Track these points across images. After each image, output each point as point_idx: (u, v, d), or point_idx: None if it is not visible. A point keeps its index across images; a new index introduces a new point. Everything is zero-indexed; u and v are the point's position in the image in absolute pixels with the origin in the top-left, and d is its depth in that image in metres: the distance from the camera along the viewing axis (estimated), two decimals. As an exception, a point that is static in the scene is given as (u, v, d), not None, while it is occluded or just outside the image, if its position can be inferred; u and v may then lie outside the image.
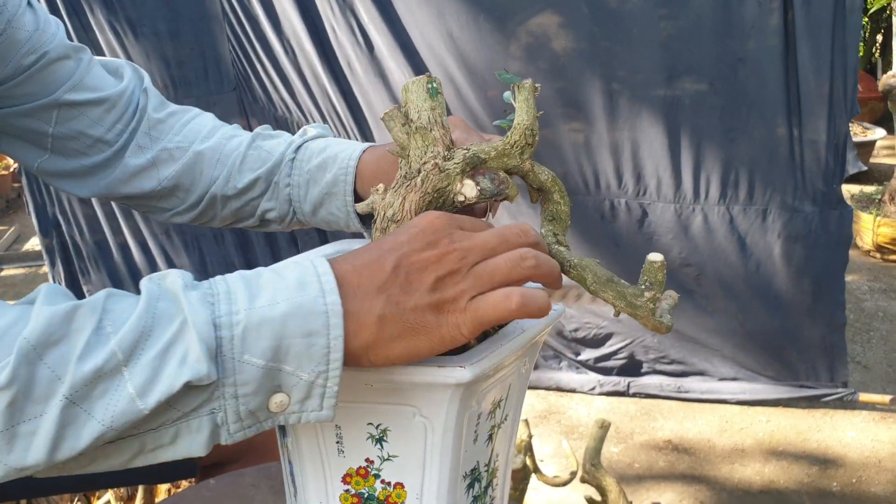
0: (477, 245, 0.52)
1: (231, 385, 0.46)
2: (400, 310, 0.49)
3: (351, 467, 0.59)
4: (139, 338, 0.45)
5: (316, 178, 0.82)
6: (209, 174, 0.86)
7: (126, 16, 2.17)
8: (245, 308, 0.46)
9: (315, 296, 0.47)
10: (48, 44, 0.79)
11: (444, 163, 0.60)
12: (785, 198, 2.07)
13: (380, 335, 0.49)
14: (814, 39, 1.92)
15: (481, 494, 0.66)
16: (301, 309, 0.47)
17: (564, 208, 0.65)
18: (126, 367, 0.44)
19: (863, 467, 2.05)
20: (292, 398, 0.49)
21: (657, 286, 0.55)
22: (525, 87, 0.62)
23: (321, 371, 0.48)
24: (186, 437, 0.47)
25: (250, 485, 0.95)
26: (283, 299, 0.47)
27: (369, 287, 0.49)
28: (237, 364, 0.46)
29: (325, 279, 0.48)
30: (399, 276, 0.50)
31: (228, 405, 0.47)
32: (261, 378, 0.47)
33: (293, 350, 0.47)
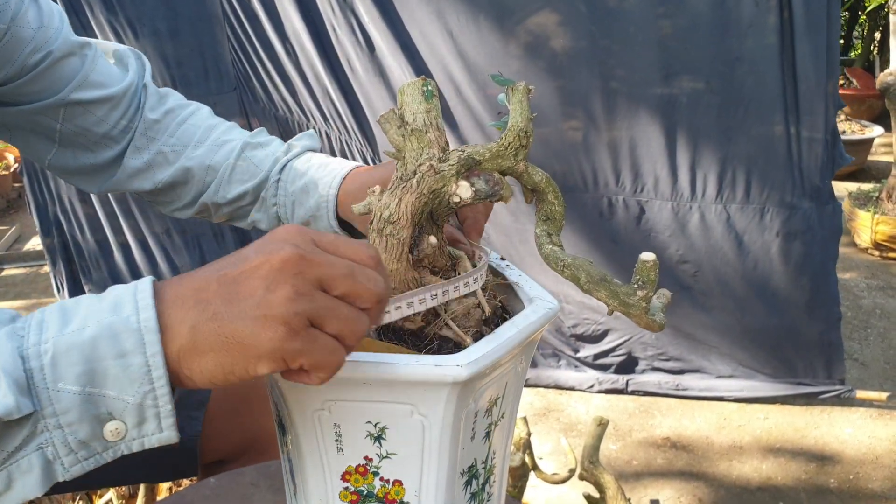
0: (319, 262, 0.46)
1: (52, 415, 0.44)
2: (217, 320, 0.45)
3: (350, 465, 0.60)
4: None
5: (300, 200, 0.84)
6: (201, 181, 0.89)
7: (126, 15, 2.18)
8: (54, 336, 0.44)
9: (128, 314, 0.45)
10: (53, 41, 0.79)
11: (439, 164, 0.61)
12: (783, 195, 2.08)
13: (191, 346, 0.46)
14: (811, 37, 1.93)
15: (479, 491, 0.67)
16: (111, 329, 0.45)
17: (558, 208, 0.66)
18: None
19: (860, 464, 2.06)
20: (128, 423, 0.46)
21: (649, 285, 0.56)
22: (519, 89, 0.63)
23: (147, 391, 0.46)
24: (19, 479, 0.45)
25: (250, 483, 0.96)
26: (94, 322, 0.45)
27: (187, 296, 0.46)
28: (52, 393, 0.44)
29: (141, 297, 0.46)
30: (224, 287, 0.46)
31: (55, 437, 0.45)
32: (81, 404, 0.44)
33: (110, 373, 0.45)
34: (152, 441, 0.48)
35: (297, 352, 0.45)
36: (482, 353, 0.56)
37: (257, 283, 0.45)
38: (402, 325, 0.62)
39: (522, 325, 0.61)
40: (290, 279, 0.45)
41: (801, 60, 1.95)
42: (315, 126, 2.29)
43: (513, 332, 0.60)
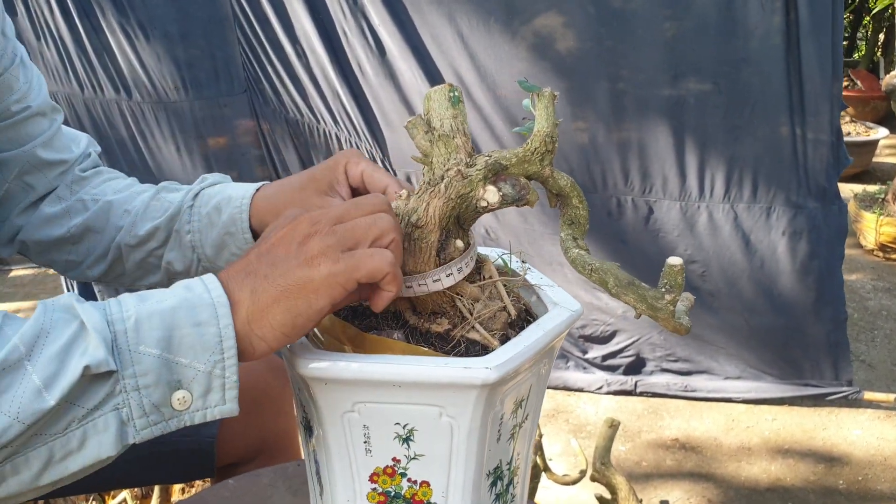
0: (330, 211, 0.55)
1: (131, 376, 0.48)
2: (269, 278, 0.52)
3: (378, 466, 0.60)
4: (39, 334, 0.47)
5: (213, 220, 0.83)
6: (115, 223, 0.88)
7: (137, 18, 2.19)
8: (135, 306, 0.50)
9: (200, 292, 0.51)
10: (34, 98, 0.85)
11: (466, 169, 0.62)
12: (789, 195, 2.09)
13: (256, 306, 0.51)
14: (816, 39, 1.94)
15: (503, 492, 0.67)
16: (188, 302, 0.50)
17: (583, 213, 0.67)
18: (29, 361, 0.46)
19: (869, 465, 2.06)
20: (194, 393, 0.50)
21: (677, 289, 0.57)
22: (545, 95, 0.64)
23: (217, 361, 0.50)
24: (94, 437, 0.48)
25: (268, 485, 0.96)
26: (172, 296, 0.51)
27: (237, 274, 0.53)
28: (133, 355, 0.48)
29: (207, 278, 0.52)
30: (264, 256, 0.53)
31: (132, 398, 0.48)
32: (158, 368, 0.49)
33: (186, 340, 0.49)
34: (214, 413, 0.52)
35: (344, 272, 0.52)
36: (510, 355, 0.57)
37: (290, 244, 0.53)
38: (430, 328, 0.63)
39: (548, 327, 0.62)
40: (313, 228, 0.53)
41: (806, 61, 1.96)
42: (325, 128, 2.30)
43: (539, 335, 0.61)
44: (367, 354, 0.58)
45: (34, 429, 0.46)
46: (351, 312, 0.66)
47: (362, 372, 0.56)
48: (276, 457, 1.09)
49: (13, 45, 0.83)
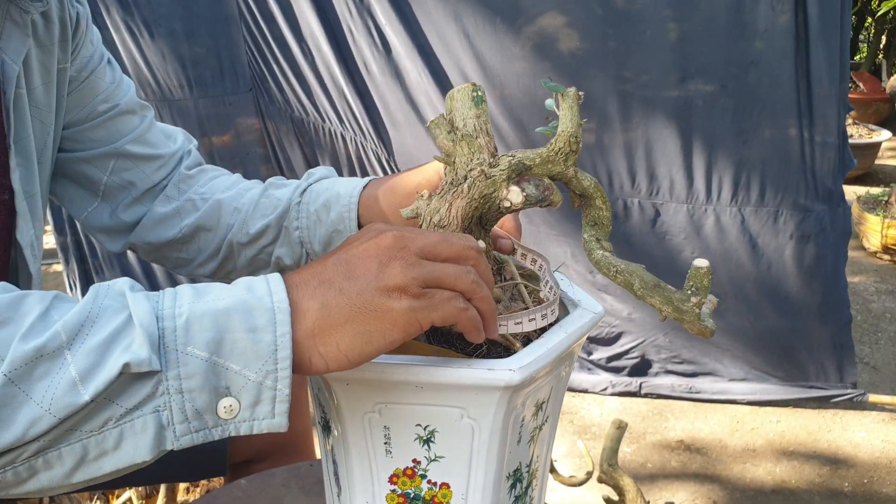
0: (418, 239, 0.52)
1: (175, 378, 0.45)
2: (345, 294, 0.48)
3: (398, 468, 0.60)
4: (84, 322, 0.44)
5: (321, 217, 0.84)
6: (226, 221, 0.89)
7: (142, 16, 2.18)
8: (189, 302, 0.46)
9: (262, 294, 0.47)
10: (121, 97, 0.87)
11: (490, 170, 0.61)
12: (796, 198, 2.08)
13: (325, 321, 0.48)
14: (825, 41, 1.93)
15: (522, 494, 0.67)
16: (246, 304, 0.47)
17: (606, 213, 0.66)
18: (69, 350, 0.43)
19: (874, 467, 2.06)
20: (242, 403, 0.47)
21: (703, 291, 0.56)
22: (569, 95, 0.63)
23: (269, 371, 0.47)
24: (131, 438, 0.45)
25: (281, 484, 0.96)
26: (229, 296, 0.47)
27: (309, 280, 0.49)
28: (180, 356, 0.45)
29: (273, 281, 0.49)
30: (340, 267, 0.50)
31: (174, 401, 0.45)
32: (205, 372, 0.45)
33: (238, 346, 0.46)
34: (261, 426, 0.48)
35: (423, 310, 0.49)
36: (534, 357, 0.56)
37: (370, 262, 0.49)
38: (451, 329, 0.62)
39: (571, 329, 0.62)
40: (397, 253, 0.50)
41: (815, 63, 1.95)
42: (331, 127, 2.29)
43: (562, 337, 0.60)
44: (389, 355, 0.57)
45: (68, 423, 0.44)
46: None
47: (385, 373, 0.55)
48: (291, 456, 1.09)
49: (100, 51, 0.87)
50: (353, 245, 0.51)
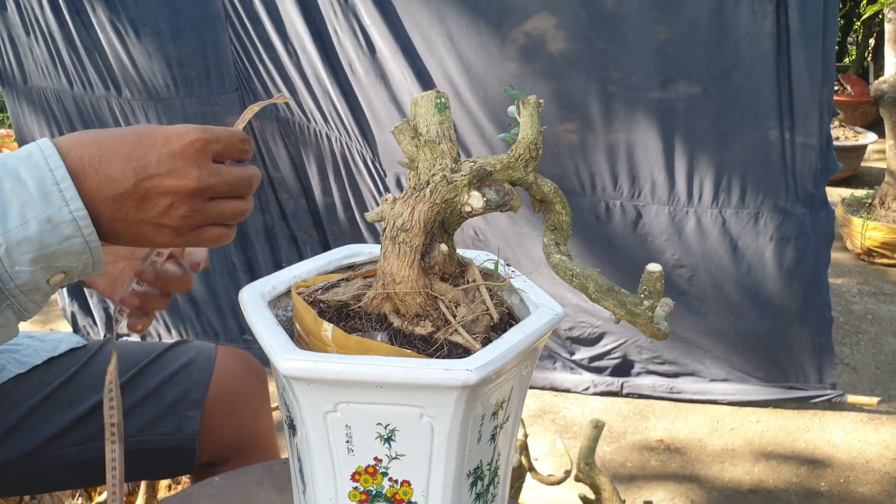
0: (214, 185, 0.60)
1: (13, 288, 0.55)
2: (126, 221, 0.58)
3: (360, 465, 0.61)
4: None
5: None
6: None
7: (128, 15, 2.18)
8: (1, 232, 0.53)
9: (60, 206, 0.54)
10: None
11: (451, 175, 0.63)
12: (777, 201, 2.10)
13: (110, 231, 0.58)
14: (806, 44, 1.95)
15: (484, 492, 0.68)
16: (51, 222, 0.54)
17: (566, 218, 0.68)
18: None
19: (850, 468, 2.08)
20: (71, 276, 0.58)
21: (655, 295, 0.58)
22: (530, 103, 0.65)
23: (86, 258, 0.57)
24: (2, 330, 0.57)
25: (254, 482, 0.97)
26: (32, 216, 0.53)
27: (106, 195, 0.56)
28: (11, 273, 0.54)
29: (65, 186, 0.54)
30: (137, 194, 0.57)
31: (19, 300, 0.56)
32: (36, 276, 0.55)
33: (58, 252, 0.55)
34: (91, 274, 0.60)
35: (184, 244, 0.62)
36: (490, 357, 0.58)
37: (163, 201, 0.58)
38: (413, 331, 0.64)
39: (529, 330, 0.63)
40: (189, 202, 0.58)
41: (796, 67, 1.97)
42: (316, 127, 2.30)
43: (520, 338, 0.62)
44: (350, 355, 0.59)
45: None
46: (336, 314, 0.66)
47: (344, 372, 0.56)
48: (253, 457, 1.10)
49: None
50: (161, 175, 0.57)
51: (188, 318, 2.62)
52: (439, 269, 0.65)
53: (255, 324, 0.64)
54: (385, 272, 0.64)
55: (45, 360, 1.00)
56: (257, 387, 1.12)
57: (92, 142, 0.56)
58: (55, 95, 2.42)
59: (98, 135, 0.57)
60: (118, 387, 0.76)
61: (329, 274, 0.76)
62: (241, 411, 1.08)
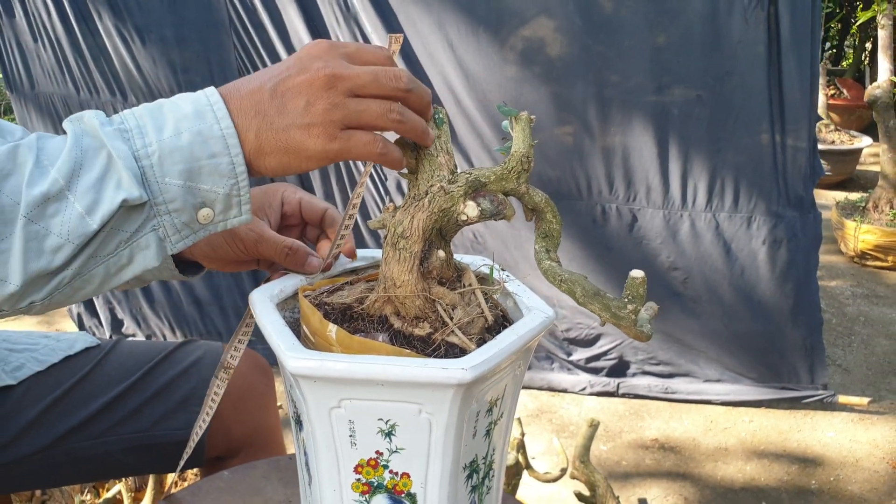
0: (348, 75, 0.59)
1: (162, 203, 0.56)
2: (273, 129, 0.58)
3: (362, 458, 0.65)
4: (73, 167, 0.54)
5: None
6: None
7: (133, 22, 2.22)
8: (156, 140, 0.55)
9: (211, 123, 0.56)
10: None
11: (448, 186, 0.67)
12: (769, 204, 2.15)
13: (260, 148, 0.59)
14: (797, 51, 2.00)
15: (479, 484, 0.72)
16: (201, 136, 0.56)
17: (556, 227, 0.72)
18: (69, 192, 0.53)
19: (841, 466, 2.12)
20: (216, 210, 0.59)
21: (638, 300, 0.62)
22: (522, 118, 0.69)
23: (232, 184, 0.58)
24: (139, 253, 0.58)
25: (262, 476, 1.01)
26: (186, 129, 0.56)
27: (248, 108, 0.58)
28: (161, 185, 0.55)
29: (217, 107, 0.57)
30: (275, 100, 0.58)
31: (165, 221, 0.57)
32: (184, 195, 0.56)
33: (204, 170, 0.56)
34: (234, 223, 0.61)
35: (336, 151, 0.60)
36: (484, 357, 0.61)
37: (300, 99, 0.58)
38: (412, 332, 0.68)
39: (521, 332, 0.67)
40: (325, 94, 0.58)
41: (787, 74, 2.02)
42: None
43: (512, 339, 0.65)
44: (353, 355, 0.62)
45: (88, 251, 0.55)
46: (340, 316, 0.70)
47: (348, 371, 0.60)
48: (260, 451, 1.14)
49: None
50: (291, 75, 0.58)
51: (192, 319, 2.66)
52: (437, 274, 0.69)
53: (265, 324, 0.67)
54: (386, 276, 0.68)
55: (62, 358, 1.04)
56: (264, 383, 1.15)
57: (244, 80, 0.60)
58: (62, 100, 2.46)
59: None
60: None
61: (333, 278, 0.79)
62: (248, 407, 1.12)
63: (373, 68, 0.60)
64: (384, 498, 0.66)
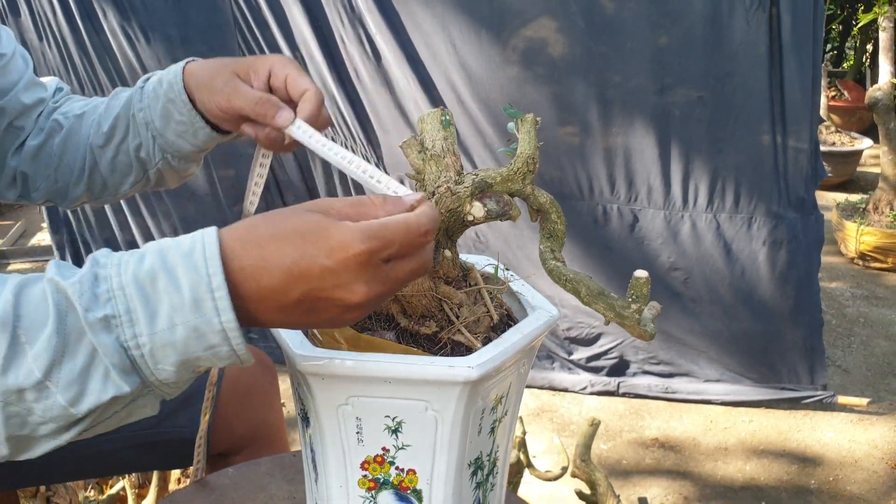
0: (388, 291, 0.54)
1: (156, 381, 0.52)
2: (295, 324, 0.55)
3: (369, 455, 0.65)
4: (53, 357, 0.48)
5: (157, 92, 0.87)
6: (85, 132, 0.94)
7: (138, 21, 2.23)
8: (147, 332, 0.50)
9: (210, 316, 0.50)
10: (6, 47, 0.92)
11: (455, 187, 0.68)
12: (769, 205, 2.16)
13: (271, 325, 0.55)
14: (798, 53, 2.01)
15: (483, 481, 0.73)
16: (198, 331, 0.50)
17: (561, 227, 0.73)
18: (50, 381, 0.48)
19: (840, 466, 2.13)
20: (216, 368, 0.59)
21: (642, 299, 0.63)
22: (527, 120, 0.70)
23: (232, 360, 0.53)
24: (138, 411, 0.54)
25: (266, 473, 1.02)
26: (181, 322, 0.50)
27: (268, 306, 0.52)
28: (154, 370, 0.51)
29: (219, 295, 0.50)
30: (303, 305, 0.52)
31: (162, 389, 0.53)
32: (180, 374, 0.53)
33: (202, 359, 0.52)
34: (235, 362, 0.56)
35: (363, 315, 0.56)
36: (490, 356, 0.62)
37: (332, 310, 0.53)
38: (419, 330, 0.69)
39: (526, 331, 0.68)
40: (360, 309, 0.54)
41: (788, 76, 2.02)
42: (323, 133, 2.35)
43: (518, 338, 0.66)
44: (361, 353, 0.63)
45: (77, 427, 0.52)
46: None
47: (356, 369, 0.61)
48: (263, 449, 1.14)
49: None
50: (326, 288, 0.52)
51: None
52: (443, 273, 0.70)
53: (273, 323, 0.68)
54: (393, 276, 0.69)
55: None
56: (268, 381, 1.16)
57: (254, 247, 0.51)
58: (66, 98, 2.47)
59: (260, 236, 0.51)
60: None
61: (340, 277, 0.80)
62: (252, 404, 1.13)
63: (411, 263, 0.55)
64: (390, 494, 0.67)
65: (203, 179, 2.43)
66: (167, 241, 0.52)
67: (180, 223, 2.46)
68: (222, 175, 2.44)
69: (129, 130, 0.91)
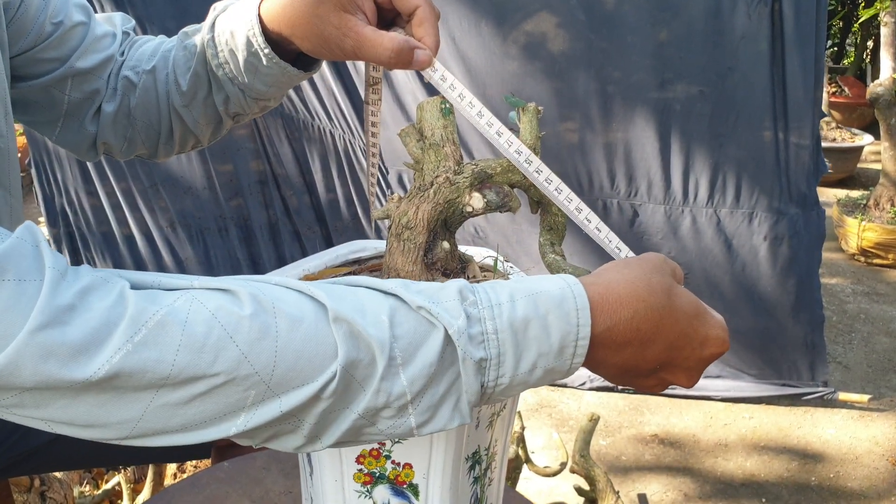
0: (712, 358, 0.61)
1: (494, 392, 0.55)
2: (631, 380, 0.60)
3: (364, 449, 0.65)
4: (426, 385, 0.51)
5: (233, 46, 0.79)
6: (162, 90, 0.86)
7: (136, 14, 2.22)
8: (509, 374, 0.52)
9: (566, 360, 0.54)
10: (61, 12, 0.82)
11: (454, 177, 0.67)
12: (771, 201, 2.15)
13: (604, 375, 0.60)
14: (800, 48, 1.99)
15: (481, 476, 0.72)
16: (551, 373, 0.54)
17: (561, 220, 0.72)
18: (412, 405, 0.51)
19: (840, 463, 2.13)
20: None
21: None
22: (529, 109, 0.69)
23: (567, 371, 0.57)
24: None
25: (262, 467, 1.01)
26: (542, 366, 0.53)
27: (618, 364, 0.57)
28: (494, 396, 0.54)
29: (580, 345, 0.54)
30: (639, 372, 0.58)
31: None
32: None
33: (539, 384, 0.56)
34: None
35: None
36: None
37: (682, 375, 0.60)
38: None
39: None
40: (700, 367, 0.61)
41: (790, 71, 2.01)
42: (320, 125, 2.34)
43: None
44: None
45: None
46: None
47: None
48: None
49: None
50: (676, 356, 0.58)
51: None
52: (441, 265, 0.69)
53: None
54: (390, 267, 0.68)
55: None
56: None
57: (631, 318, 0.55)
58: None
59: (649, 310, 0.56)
60: None
61: (336, 268, 0.79)
62: None
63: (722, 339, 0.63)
64: (386, 489, 0.66)
65: (200, 174, 2.42)
66: (535, 285, 0.54)
67: (178, 218, 2.45)
68: (220, 170, 2.43)
69: (213, 86, 0.84)
